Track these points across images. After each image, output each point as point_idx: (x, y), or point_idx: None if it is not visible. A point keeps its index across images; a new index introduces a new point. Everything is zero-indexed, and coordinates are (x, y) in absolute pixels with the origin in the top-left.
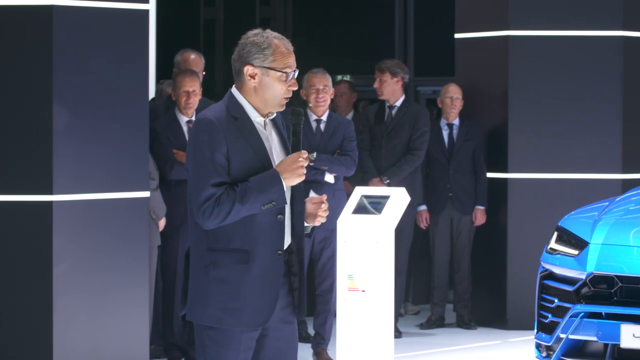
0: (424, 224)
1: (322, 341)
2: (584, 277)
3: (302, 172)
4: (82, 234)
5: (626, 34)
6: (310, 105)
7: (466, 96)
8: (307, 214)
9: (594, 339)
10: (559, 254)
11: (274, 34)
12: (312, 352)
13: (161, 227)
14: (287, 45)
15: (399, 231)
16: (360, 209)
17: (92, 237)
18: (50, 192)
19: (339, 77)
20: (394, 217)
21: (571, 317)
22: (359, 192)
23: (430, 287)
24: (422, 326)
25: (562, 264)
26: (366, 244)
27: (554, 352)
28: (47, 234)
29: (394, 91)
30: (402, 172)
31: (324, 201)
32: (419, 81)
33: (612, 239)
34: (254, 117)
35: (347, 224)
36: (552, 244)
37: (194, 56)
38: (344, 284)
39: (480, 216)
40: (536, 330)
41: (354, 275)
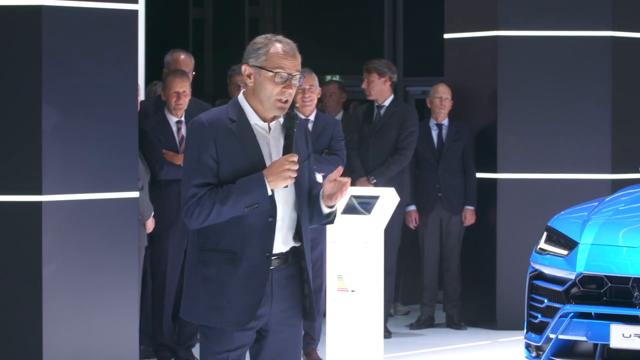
0: (413, 224)
1: (311, 341)
2: (573, 277)
3: (288, 175)
4: (72, 234)
5: (615, 34)
6: (297, 105)
7: (455, 96)
8: (325, 196)
9: (584, 339)
10: (549, 254)
11: (279, 37)
12: (301, 352)
13: (149, 229)
14: (287, 48)
15: (386, 231)
16: (349, 209)
17: (82, 238)
18: (39, 192)
19: (329, 77)
20: (384, 217)
21: (561, 317)
22: (349, 193)
23: (419, 288)
24: (412, 326)
25: (552, 264)
26: (356, 244)
27: (544, 352)
28: (36, 234)
29: (381, 91)
30: (389, 172)
31: (341, 179)
32: (408, 81)
33: (602, 239)
34: (255, 120)
35: (337, 224)
36: (542, 244)
37: (183, 56)
38: (334, 284)
39: (469, 216)
40: (526, 330)
41: (344, 275)
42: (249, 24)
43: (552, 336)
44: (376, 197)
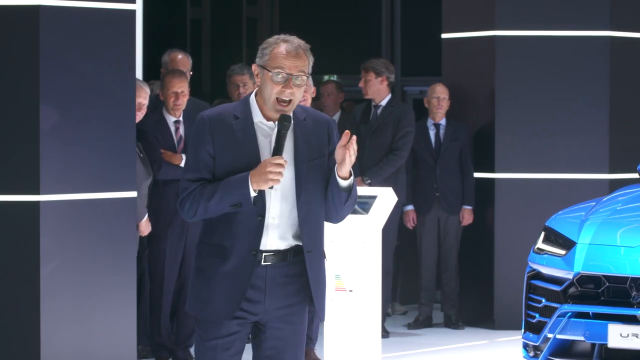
0: (411, 224)
1: (309, 341)
2: (571, 277)
3: (270, 177)
4: (69, 234)
5: (613, 34)
6: None
7: (453, 96)
8: (338, 165)
9: (582, 338)
10: (547, 253)
11: (289, 38)
12: (303, 351)
13: (143, 231)
14: (290, 48)
15: (383, 231)
16: None
17: (80, 237)
18: (37, 192)
19: (326, 77)
20: (381, 217)
21: (558, 316)
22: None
23: (417, 287)
24: (410, 326)
25: (550, 263)
26: (353, 244)
27: (542, 352)
28: (34, 234)
29: (378, 90)
30: (383, 172)
31: (350, 142)
32: (406, 81)
33: (599, 239)
34: (259, 118)
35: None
36: (540, 244)
37: (181, 56)
38: (332, 284)
39: (467, 216)
40: (524, 330)
41: (342, 275)
42: (246, 24)
43: (550, 336)
44: (374, 197)
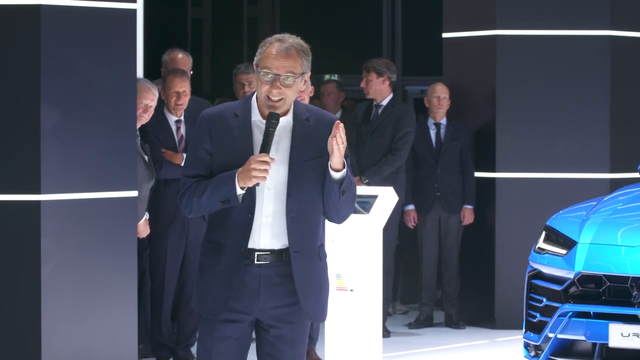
0: (411, 224)
1: (310, 341)
2: (572, 276)
3: (253, 174)
4: (70, 234)
5: (613, 33)
6: None
7: (454, 96)
8: (331, 155)
9: (582, 338)
10: (547, 253)
11: (283, 37)
12: (305, 350)
13: (141, 233)
14: (280, 48)
15: (383, 231)
16: None
17: (80, 237)
18: (38, 191)
19: (327, 76)
20: (382, 216)
21: (559, 316)
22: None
23: (418, 287)
24: (411, 326)
25: (551, 263)
26: (354, 244)
27: (543, 351)
28: (35, 233)
29: (380, 90)
30: (382, 172)
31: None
32: (407, 80)
33: (600, 239)
34: (256, 117)
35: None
36: (541, 244)
37: (181, 55)
38: (332, 283)
39: (468, 215)
40: (524, 329)
41: (342, 274)
42: (247, 23)
43: (551, 335)
44: (375, 197)
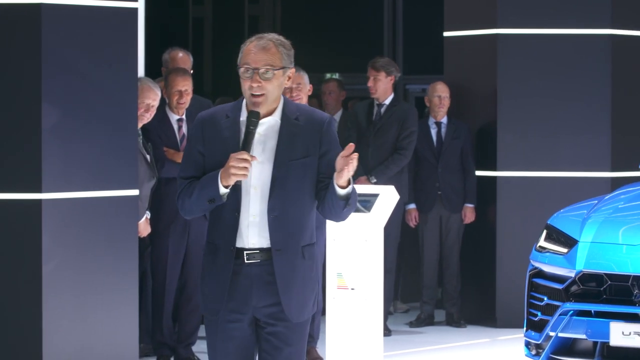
0: (413, 223)
1: (311, 339)
2: (573, 275)
3: (232, 171)
4: (71, 232)
5: (614, 32)
6: None
7: (455, 94)
8: (337, 174)
9: (583, 336)
10: (548, 252)
11: (263, 35)
12: (304, 349)
13: (141, 232)
14: (258, 43)
15: (385, 229)
16: None
17: (81, 236)
18: (39, 190)
19: (328, 75)
20: (383, 215)
21: (560, 315)
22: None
23: (419, 286)
24: (412, 324)
25: (552, 262)
26: (355, 242)
27: (544, 350)
28: (36, 232)
29: (386, 90)
30: (388, 172)
31: (351, 157)
32: (408, 79)
33: (601, 237)
34: (244, 116)
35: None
36: (542, 242)
37: (181, 54)
38: (333, 282)
39: (469, 214)
40: (525, 328)
41: (343, 273)
42: (248, 22)
43: (552, 334)
44: (376, 195)
